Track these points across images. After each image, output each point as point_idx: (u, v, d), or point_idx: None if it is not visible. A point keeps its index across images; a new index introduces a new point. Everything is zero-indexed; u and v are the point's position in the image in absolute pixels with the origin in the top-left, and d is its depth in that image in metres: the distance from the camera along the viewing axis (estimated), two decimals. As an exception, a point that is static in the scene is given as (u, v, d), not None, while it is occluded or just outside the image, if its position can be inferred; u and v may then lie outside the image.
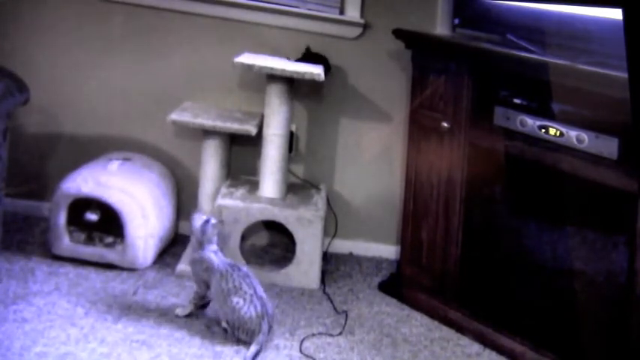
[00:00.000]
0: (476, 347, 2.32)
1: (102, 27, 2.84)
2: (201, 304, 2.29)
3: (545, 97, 2.13)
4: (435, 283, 2.51)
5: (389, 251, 2.97)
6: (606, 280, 2.06)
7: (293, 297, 2.52)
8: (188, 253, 2.70)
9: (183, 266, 2.60)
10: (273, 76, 2.56)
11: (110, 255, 2.54)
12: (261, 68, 2.50)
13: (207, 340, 2.17)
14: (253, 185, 2.73)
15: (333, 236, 2.91)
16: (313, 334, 2.29)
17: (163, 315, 2.28)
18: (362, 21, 2.83)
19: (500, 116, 2.26)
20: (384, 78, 2.87)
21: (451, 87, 2.41)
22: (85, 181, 2.53)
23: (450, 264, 2.46)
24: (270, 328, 2.17)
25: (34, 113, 2.79)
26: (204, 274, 2.23)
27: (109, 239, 2.58)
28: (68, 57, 2.85)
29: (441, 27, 2.80)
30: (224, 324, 2.17)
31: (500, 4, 2.50)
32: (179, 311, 2.28)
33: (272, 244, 2.89)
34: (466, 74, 2.37)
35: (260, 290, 2.18)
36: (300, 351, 2.18)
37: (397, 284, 2.64)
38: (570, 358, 2.13)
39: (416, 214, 2.58)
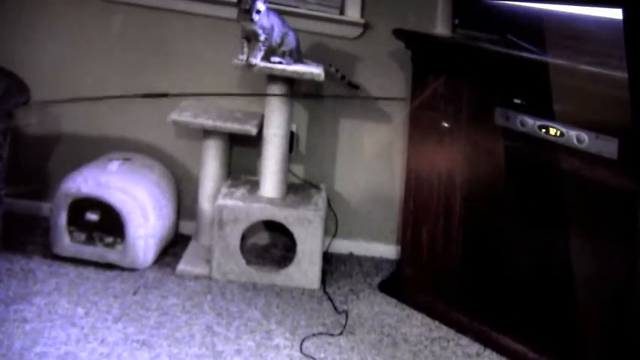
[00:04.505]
0: (476, 347, 2.32)
1: (102, 27, 2.84)
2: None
3: (545, 97, 2.13)
4: (436, 283, 2.51)
5: (389, 251, 2.97)
6: (606, 281, 2.06)
7: (293, 297, 2.52)
8: (188, 253, 2.70)
9: (183, 266, 2.60)
10: (273, 76, 2.57)
11: (110, 255, 2.54)
12: (260, 69, 2.50)
13: (207, 340, 2.17)
14: (253, 185, 2.73)
15: (333, 236, 2.91)
16: (313, 334, 2.29)
17: (163, 315, 2.28)
18: (362, 21, 2.84)
19: (500, 116, 2.26)
20: (384, 78, 2.87)
21: (451, 87, 2.41)
22: (85, 181, 2.53)
23: (450, 264, 2.46)
24: None
25: (34, 113, 2.79)
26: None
27: (109, 239, 2.58)
28: (68, 57, 2.85)
29: (441, 27, 2.80)
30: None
31: (501, 4, 2.50)
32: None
33: (272, 244, 2.88)
34: (466, 74, 2.37)
35: None
36: (301, 351, 2.18)
37: (397, 284, 2.64)
38: (570, 358, 2.13)
39: (416, 214, 2.58)
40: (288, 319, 2.36)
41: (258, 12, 2.41)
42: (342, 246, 2.96)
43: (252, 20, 2.41)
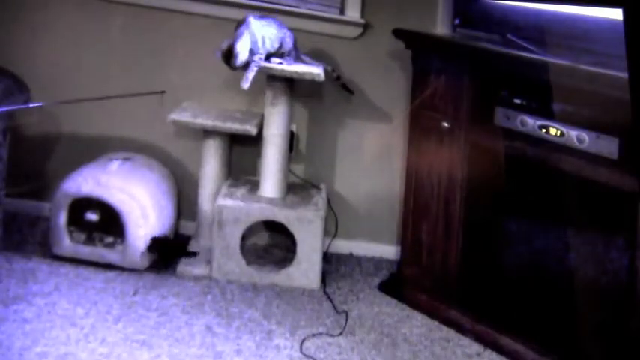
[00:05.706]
0: (476, 347, 2.32)
1: (102, 27, 2.84)
2: None
3: (545, 97, 2.13)
4: (435, 283, 2.51)
5: (389, 251, 2.97)
6: (607, 280, 2.06)
7: (293, 297, 2.52)
8: (188, 253, 2.71)
9: (183, 266, 2.60)
10: (273, 76, 2.57)
11: (110, 255, 2.54)
12: (260, 68, 2.50)
13: (207, 340, 2.17)
14: (253, 185, 2.73)
15: (334, 236, 2.90)
16: (313, 334, 2.29)
17: (163, 315, 2.28)
18: (362, 21, 2.83)
19: (501, 116, 2.26)
20: (384, 78, 2.86)
21: (451, 87, 2.41)
22: (85, 181, 2.53)
23: (450, 264, 2.46)
24: None
25: (34, 113, 2.79)
26: None
27: (109, 239, 2.58)
28: (68, 57, 2.85)
29: (441, 27, 2.80)
30: None
31: (501, 4, 2.50)
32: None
33: (272, 244, 2.88)
34: (466, 74, 2.37)
35: None
36: (301, 351, 2.18)
37: (397, 284, 2.64)
38: (571, 358, 2.13)
39: (416, 214, 2.58)
40: (288, 319, 2.36)
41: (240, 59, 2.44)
42: (342, 246, 2.96)
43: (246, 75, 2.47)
